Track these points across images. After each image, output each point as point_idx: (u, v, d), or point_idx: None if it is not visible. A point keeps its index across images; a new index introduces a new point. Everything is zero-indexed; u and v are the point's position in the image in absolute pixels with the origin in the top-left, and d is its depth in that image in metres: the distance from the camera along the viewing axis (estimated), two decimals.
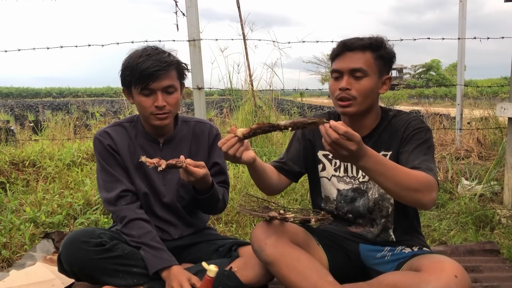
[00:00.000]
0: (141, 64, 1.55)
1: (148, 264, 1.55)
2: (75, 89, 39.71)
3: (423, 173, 1.36)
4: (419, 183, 1.32)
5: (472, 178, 3.52)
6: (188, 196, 1.73)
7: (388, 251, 1.56)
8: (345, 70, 1.50)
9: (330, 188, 1.66)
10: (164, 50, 1.63)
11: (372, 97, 1.53)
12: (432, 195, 1.34)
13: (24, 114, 13.47)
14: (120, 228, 1.63)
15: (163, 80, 1.57)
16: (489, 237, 2.50)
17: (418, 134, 1.50)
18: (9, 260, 2.19)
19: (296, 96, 19.54)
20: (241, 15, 4.33)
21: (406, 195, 1.33)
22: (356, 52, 1.49)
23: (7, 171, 3.47)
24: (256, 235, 1.48)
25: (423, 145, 1.48)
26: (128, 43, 3.85)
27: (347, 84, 1.49)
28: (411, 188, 1.31)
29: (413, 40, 4.34)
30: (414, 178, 1.32)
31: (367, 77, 1.49)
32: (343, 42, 1.52)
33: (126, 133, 1.71)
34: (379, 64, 1.51)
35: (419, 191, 1.32)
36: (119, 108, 9.57)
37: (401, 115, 1.58)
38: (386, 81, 1.55)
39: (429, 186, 1.34)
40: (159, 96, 1.58)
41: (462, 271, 1.27)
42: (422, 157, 1.44)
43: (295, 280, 1.38)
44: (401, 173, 1.32)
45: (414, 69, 50.06)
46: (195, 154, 1.73)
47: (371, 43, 1.49)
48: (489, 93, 5.81)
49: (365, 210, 1.60)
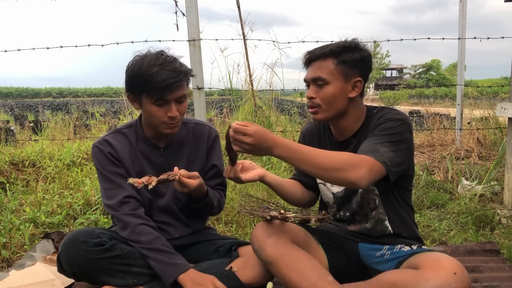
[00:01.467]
0: (156, 74, 1.50)
1: (164, 271, 1.52)
2: (75, 89, 39.78)
3: (349, 154, 1.38)
4: (340, 162, 1.33)
5: (472, 178, 3.52)
6: (184, 198, 1.73)
7: (387, 249, 1.56)
8: (309, 80, 1.55)
9: (327, 193, 1.69)
10: (174, 57, 1.59)
11: (340, 102, 1.53)
12: (359, 172, 1.33)
13: (24, 114, 13.47)
14: (127, 235, 1.58)
15: (178, 90, 1.55)
16: (489, 237, 2.50)
17: (384, 123, 1.47)
18: (9, 260, 2.19)
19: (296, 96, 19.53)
20: (241, 15, 4.33)
21: (330, 176, 1.35)
22: (318, 61, 1.53)
23: (7, 171, 3.46)
24: (256, 235, 1.48)
25: (383, 132, 1.45)
26: (128, 43, 3.85)
27: (311, 93, 1.54)
28: (332, 168, 1.33)
29: (413, 40, 4.35)
30: (334, 158, 1.34)
31: (328, 85, 1.50)
32: (307, 52, 1.56)
33: (126, 140, 1.69)
34: (342, 69, 1.50)
35: (342, 170, 1.33)
36: (119, 108, 9.57)
37: (383, 110, 1.57)
38: (357, 84, 1.53)
39: (354, 163, 1.34)
40: (173, 107, 1.56)
41: (461, 268, 1.27)
42: (372, 142, 1.43)
43: (295, 280, 1.39)
44: (319, 156, 1.35)
45: (414, 69, 50.11)
46: (195, 156, 1.74)
47: (331, 49, 1.50)
48: (489, 93, 5.80)
49: (356, 206, 1.62)
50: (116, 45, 3.86)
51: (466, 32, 4.62)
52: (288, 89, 4.65)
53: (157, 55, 1.56)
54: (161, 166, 1.68)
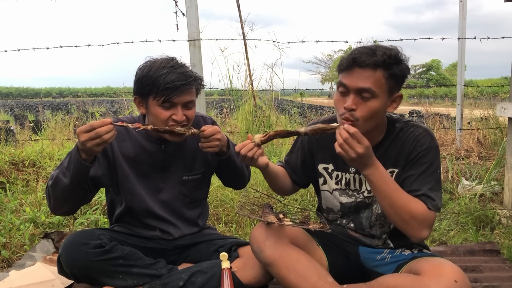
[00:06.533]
0: (166, 75, 1.50)
1: (72, 162, 1.46)
2: (75, 89, 39.78)
3: (422, 208, 1.37)
4: (411, 217, 1.35)
5: (472, 178, 3.52)
6: (190, 193, 1.73)
7: (387, 253, 1.56)
8: (352, 88, 1.37)
9: (333, 201, 1.64)
10: (185, 64, 1.59)
11: (379, 118, 1.43)
12: (422, 233, 1.37)
13: (24, 114, 13.45)
14: (49, 186, 1.53)
15: (186, 95, 1.54)
16: (489, 237, 2.50)
17: (425, 156, 1.43)
18: (9, 260, 2.19)
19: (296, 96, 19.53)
20: (241, 15, 4.33)
21: (396, 220, 1.39)
22: (366, 69, 1.35)
23: (7, 171, 3.46)
24: (255, 236, 1.48)
25: (429, 169, 1.43)
26: (128, 43, 3.86)
27: (352, 104, 1.37)
28: (402, 218, 1.36)
29: (413, 40, 4.34)
30: (408, 210, 1.35)
31: (374, 98, 1.36)
32: (353, 57, 1.37)
33: (126, 133, 1.67)
34: (390, 83, 1.37)
35: (409, 224, 1.36)
36: (119, 108, 9.56)
37: (409, 128, 1.48)
38: (397, 99, 1.44)
39: (421, 222, 1.36)
40: (179, 111, 1.54)
41: (462, 275, 1.26)
42: (426, 185, 1.41)
43: (295, 281, 1.38)
44: (398, 199, 1.35)
45: (414, 69, 50.03)
46: (196, 149, 1.72)
47: (384, 60, 1.34)
48: (489, 93, 5.80)
49: (366, 224, 1.59)
50: (116, 45, 3.87)
51: (466, 32, 4.63)
52: (288, 89, 4.66)
53: (168, 59, 1.57)
54: (162, 163, 1.68)
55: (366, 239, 1.62)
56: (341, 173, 1.59)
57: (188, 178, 1.73)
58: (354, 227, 1.63)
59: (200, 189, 1.79)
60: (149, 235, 1.72)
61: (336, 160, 1.58)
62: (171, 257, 1.72)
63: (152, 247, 1.71)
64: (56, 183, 1.50)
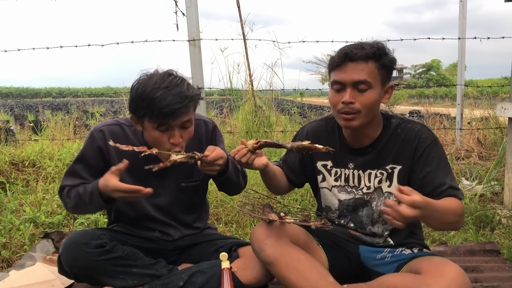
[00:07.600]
0: (160, 99, 1.41)
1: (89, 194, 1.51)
2: (75, 89, 39.78)
3: (457, 203, 1.41)
4: (458, 216, 1.40)
5: (472, 178, 3.52)
6: (188, 199, 1.73)
7: (388, 252, 1.56)
8: (348, 83, 1.41)
9: (331, 199, 1.64)
10: (182, 79, 1.50)
11: (377, 109, 1.48)
12: (463, 220, 1.47)
13: (24, 114, 13.46)
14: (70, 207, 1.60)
15: (183, 116, 1.47)
16: (490, 237, 2.49)
17: (433, 151, 1.48)
18: (9, 260, 2.19)
19: (296, 96, 19.52)
20: (241, 15, 4.34)
21: (446, 228, 1.54)
22: (358, 62, 1.40)
23: (7, 171, 3.46)
24: (256, 235, 1.48)
25: (442, 161, 1.48)
26: (128, 43, 3.86)
27: (351, 98, 1.41)
28: (452, 222, 1.40)
29: (413, 40, 4.35)
30: (454, 213, 1.38)
31: (371, 89, 1.41)
32: (344, 52, 1.41)
33: (124, 136, 1.64)
34: (382, 74, 1.43)
35: (457, 222, 1.42)
36: (119, 108, 9.57)
37: (406, 124, 1.52)
38: (389, 90, 1.49)
39: (462, 214, 1.43)
40: (176, 133, 1.48)
41: (462, 275, 1.26)
42: (447, 176, 1.46)
43: (295, 280, 1.38)
44: (447, 213, 1.36)
45: (414, 69, 50.06)
46: (198, 152, 1.71)
47: (374, 52, 1.40)
48: (489, 93, 5.81)
49: (368, 221, 1.59)
50: (116, 45, 3.87)
51: (466, 32, 4.63)
52: (288, 89, 4.66)
53: (164, 76, 1.46)
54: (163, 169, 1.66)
55: (367, 237, 1.62)
56: (340, 169, 1.60)
57: (186, 185, 1.71)
58: (354, 227, 1.63)
59: (197, 194, 1.78)
60: (148, 236, 1.71)
61: (335, 157, 1.60)
62: (171, 257, 1.72)
63: (152, 247, 1.70)
64: (78, 207, 1.59)
